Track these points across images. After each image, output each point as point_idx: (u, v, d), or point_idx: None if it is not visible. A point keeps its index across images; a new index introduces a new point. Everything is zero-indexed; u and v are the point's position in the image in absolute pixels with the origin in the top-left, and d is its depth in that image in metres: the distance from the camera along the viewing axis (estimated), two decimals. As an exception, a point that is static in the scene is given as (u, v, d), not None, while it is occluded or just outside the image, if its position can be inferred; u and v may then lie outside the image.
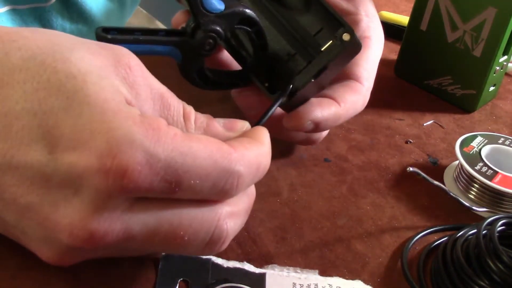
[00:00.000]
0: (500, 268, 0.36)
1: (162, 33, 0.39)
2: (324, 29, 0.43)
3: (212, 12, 0.39)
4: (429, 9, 0.58)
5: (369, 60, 0.47)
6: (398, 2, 0.81)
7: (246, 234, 0.41)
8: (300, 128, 0.43)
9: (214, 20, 0.39)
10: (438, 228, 0.43)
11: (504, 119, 0.59)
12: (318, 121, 0.43)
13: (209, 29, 0.39)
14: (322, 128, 0.44)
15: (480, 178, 0.45)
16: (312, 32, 0.43)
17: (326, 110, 0.43)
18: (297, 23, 0.44)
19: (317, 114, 0.42)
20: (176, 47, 0.40)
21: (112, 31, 0.37)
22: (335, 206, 0.44)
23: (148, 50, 0.39)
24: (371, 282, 0.38)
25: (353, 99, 0.45)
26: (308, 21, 0.43)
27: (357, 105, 0.46)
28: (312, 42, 0.43)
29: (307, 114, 0.42)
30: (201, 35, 0.39)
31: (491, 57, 0.55)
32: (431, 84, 0.61)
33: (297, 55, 0.43)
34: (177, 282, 0.36)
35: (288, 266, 0.38)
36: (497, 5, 0.53)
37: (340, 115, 0.44)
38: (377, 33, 0.48)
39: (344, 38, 0.41)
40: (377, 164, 0.50)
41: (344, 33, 0.41)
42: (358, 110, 0.46)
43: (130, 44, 0.37)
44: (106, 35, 0.36)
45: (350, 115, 0.45)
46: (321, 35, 0.43)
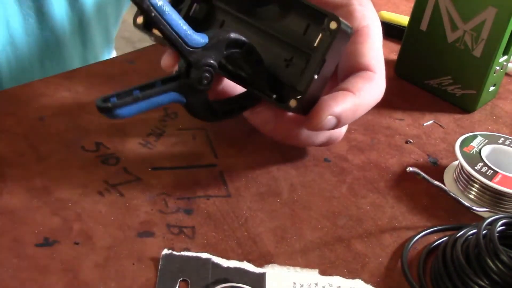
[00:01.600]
0: (500, 268, 0.36)
1: (159, 83, 0.40)
2: (311, 25, 0.43)
3: (197, 47, 0.39)
4: (429, 9, 0.58)
5: (373, 48, 0.46)
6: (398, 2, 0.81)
7: (246, 234, 0.41)
8: (322, 126, 0.42)
9: (202, 54, 0.39)
10: (438, 228, 0.43)
11: (504, 119, 0.59)
12: (338, 114, 0.42)
13: (201, 64, 0.40)
14: (343, 121, 0.43)
15: (480, 178, 0.45)
16: (300, 31, 0.43)
17: (343, 102, 0.42)
18: (284, 27, 0.44)
19: (335, 108, 0.42)
20: (176, 92, 0.40)
21: (111, 98, 0.37)
22: (335, 206, 0.44)
23: (151, 105, 0.39)
24: (371, 282, 0.38)
25: (367, 86, 0.44)
26: (293, 22, 0.43)
27: (374, 92, 0.45)
28: (304, 40, 0.43)
29: (326, 110, 0.42)
30: (195, 72, 0.40)
31: (491, 57, 0.55)
32: (431, 84, 0.61)
33: (294, 58, 0.43)
34: (177, 282, 0.36)
35: (288, 266, 0.38)
36: (497, 5, 0.53)
37: (358, 104, 0.43)
38: (373, 20, 0.48)
39: (331, 27, 0.41)
40: (377, 164, 0.50)
41: (330, 22, 0.41)
42: (376, 97, 0.45)
43: (132, 105, 0.38)
44: (106, 105, 0.37)
45: (369, 103, 0.45)
46: (310, 31, 0.43)
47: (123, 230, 0.39)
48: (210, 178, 0.45)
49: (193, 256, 0.38)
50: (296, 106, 0.42)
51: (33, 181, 0.42)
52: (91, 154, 0.46)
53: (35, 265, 0.36)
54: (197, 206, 0.42)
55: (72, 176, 0.43)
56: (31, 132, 0.47)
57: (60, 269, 0.36)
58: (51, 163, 0.44)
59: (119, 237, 0.39)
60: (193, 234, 0.40)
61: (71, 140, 0.47)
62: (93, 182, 0.43)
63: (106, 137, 0.47)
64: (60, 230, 0.39)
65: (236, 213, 0.42)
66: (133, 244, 0.38)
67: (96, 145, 0.46)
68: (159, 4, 0.36)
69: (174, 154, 0.47)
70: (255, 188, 0.45)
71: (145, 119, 0.50)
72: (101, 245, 0.38)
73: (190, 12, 0.44)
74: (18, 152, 0.45)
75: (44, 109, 0.49)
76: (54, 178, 0.43)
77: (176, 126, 0.50)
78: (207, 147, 0.48)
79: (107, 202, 0.41)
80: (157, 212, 0.41)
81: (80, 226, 0.39)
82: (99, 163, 0.45)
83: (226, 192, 0.44)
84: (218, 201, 0.43)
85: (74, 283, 0.35)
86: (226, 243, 0.40)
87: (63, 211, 0.40)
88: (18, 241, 0.37)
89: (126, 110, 0.38)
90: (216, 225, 0.41)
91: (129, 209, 0.41)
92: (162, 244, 0.39)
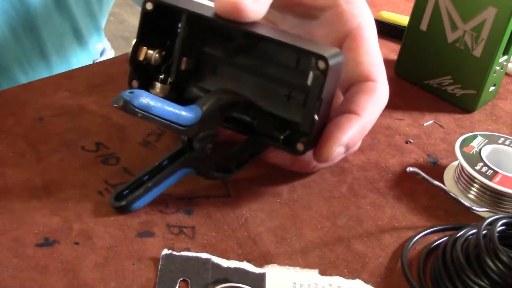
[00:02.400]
0: (500, 268, 0.36)
1: (165, 163, 0.41)
2: (301, 58, 0.42)
3: (191, 124, 0.39)
4: (429, 9, 0.58)
5: (369, 52, 0.45)
6: (398, 2, 0.81)
7: (246, 234, 0.41)
8: (333, 159, 0.42)
9: (199, 127, 0.40)
10: (438, 228, 0.43)
11: (504, 119, 0.59)
12: (346, 143, 0.41)
13: (201, 137, 0.40)
14: (352, 146, 0.42)
15: (480, 178, 0.45)
16: (292, 64, 0.42)
17: (349, 129, 0.41)
18: (275, 64, 0.43)
19: (342, 138, 0.41)
20: (185, 168, 0.41)
21: (124, 193, 0.40)
22: (335, 206, 0.44)
23: (163, 189, 0.41)
24: (371, 282, 0.38)
25: (372, 102, 0.43)
26: (284, 58, 0.42)
27: (379, 104, 0.44)
28: (297, 74, 0.42)
29: (333, 143, 0.41)
30: (197, 145, 0.40)
31: (491, 57, 0.55)
32: (431, 84, 0.61)
33: (292, 92, 0.43)
34: (177, 282, 0.36)
35: (288, 266, 0.38)
36: (497, 5, 0.53)
37: (365, 124, 0.42)
38: (364, 17, 0.45)
39: (320, 67, 0.39)
40: (377, 164, 0.50)
41: (317, 62, 0.39)
42: (382, 107, 0.44)
43: (147, 195, 0.40)
44: (121, 204, 0.40)
45: (376, 117, 0.44)
46: (301, 63, 0.42)
47: (123, 230, 0.39)
48: (210, 178, 0.45)
49: (193, 256, 0.38)
50: (304, 149, 0.41)
51: (33, 181, 0.42)
52: (91, 154, 0.45)
53: (35, 265, 0.36)
54: (197, 206, 0.42)
55: (72, 176, 0.43)
56: (31, 132, 0.47)
57: (60, 269, 0.36)
58: (51, 163, 0.44)
59: (119, 237, 0.39)
60: (193, 234, 0.40)
61: (71, 140, 0.47)
62: (93, 182, 0.43)
63: (106, 137, 0.47)
64: (60, 230, 0.39)
65: (236, 213, 0.42)
66: (133, 244, 0.38)
67: (96, 145, 0.46)
68: (144, 103, 0.36)
69: (174, 154, 0.47)
70: (255, 188, 0.45)
71: (145, 119, 0.50)
72: (101, 245, 0.38)
73: (181, 66, 0.43)
74: (18, 152, 0.45)
75: (44, 109, 0.49)
76: (54, 178, 0.43)
77: (176, 126, 0.50)
78: (207, 147, 0.48)
79: (107, 202, 0.41)
80: (157, 212, 0.41)
81: (80, 226, 0.39)
82: (99, 163, 0.45)
83: (226, 192, 0.44)
84: (218, 201, 0.43)
85: (74, 283, 0.35)
86: (226, 243, 0.40)
87: (63, 211, 0.40)
88: (18, 241, 0.37)
89: (140, 202, 0.40)
90: (216, 225, 0.41)
91: (129, 209, 0.41)
92: (162, 244, 0.39)
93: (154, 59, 0.43)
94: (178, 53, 0.43)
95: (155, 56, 0.43)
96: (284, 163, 0.45)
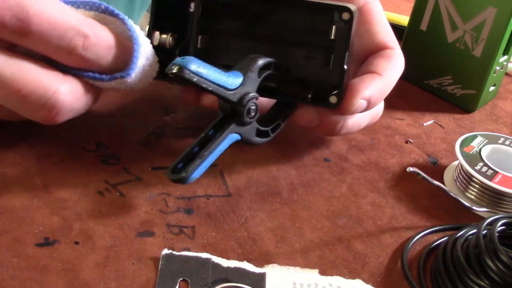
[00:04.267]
0: (500, 268, 0.36)
1: (211, 132, 0.41)
2: (316, 18, 0.43)
3: (236, 88, 0.40)
4: (429, 9, 0.58)
5: (381, 24, 0.47)
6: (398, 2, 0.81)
7: (246, 234, 0.41)
8: (355, 110, 0.43)
9: (243, 90, 0.41)
10: (438, 228, 0.43)
11: (504, 119, 0.59)
12: (368, 97, 0.43)
13: (245, 100, 0.41)
14: (373, 102, 0.44)
15: (480, 178, 0.45)
16: (307, 26, 0.43)
17: (372, 84, 0.44)
18: (289, 27, 0.44)
19: (365, 91, 0.43)
20: (232, 133, 0.42)
21: (178, 165, 0.40)
22: (335, 206, 0.44)
23: (216, 156, 0.41)
24: (371, 282, 0.38)
25: (391, 65, 0.46)
26: (297, 20, 0.44)
27: (397, 68, 0.46)
28: (315, 34, 0.43)
29: (357, 95, 0.43)
30: (242, 109, 0.41)
31: (491, 57, 0.55)
32: (431, 84, 0.61)
33: (311, 53, 0.44)
34: (177, 282, 0.36)
35: (288, 266, 0.38)
36: (497, 5, 0.53)
37: (386, 84, 0.45)
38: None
39: (345, 18, 0.41)
40: (377, 164, 0.50)
41: (341, 14, 0.42)
42: (400, 72, 0.47)
43: (203, 164, 0.40)
44: (180, 176, 0.39)
45: (395, 80, 0.46)
46: (318, 23, 0.43)
47: (123, 230, 0.39)
48: (210, 178, 0.45)
49: (193, 256, 0.38)
50: (337, 101, 0.43)
51: (33, 181, 0.42)
52: (91, 154, 0.46)
53: (35, 265, 0.36)
54: (197, 206, 0.42)
55: (72, 176, 0.43)
56: (31, 132, 0.47)
57: (60, 269, 0.36)
58: (51, 163, 0.44)
59: (119, 237, 0.39)
60: (193, 234, 0.40)
61: (71, 140, 0.47)
62: (93, 182, 0.43)
63: (106, 137, 0.47)
64: (60, 230, 0.39)
65: (236, 213, 0.42)
66: (133, 244, 0.38)
67: (96, 145, 0.46)
68: (197, 67, 0.37)
69: (174, 154, 0.47)
70: (255, 188, 0.45)
71: (145, 119, 0.50)
72: (101, 245, 0.38)
73: (198, 44, 0.45)
74: (18, 152, 0.45)
75: (44, 109, 0.49)
76: (54, 178, 0.43)
77: (176, 126, 0.50)
78: (207, 147, 0.48)
79: (107, 202, 0.41)
80: (157, 212, 0.41)
81: (80, 226, 0.39)
82: (99, 163, 0.45)
83: (226, 192, 0.44)
84: (218, 200, 0.43)
85: (74, 283, 0.35)
86: (226, 243, 0.40)
87: (63, 211, 0.40)
88: (18, 241, 0.37)
89: (197, 172, 0.40)
90: (216, 225, 0.41)
91: (129, 209, 0.41)
92: (162, 244, 0.39)
93: (169, 43, 0.44)
94: (194, 31, 0.44)
95: (169, 39, 0.44)
96: (311, 123, 0.46)
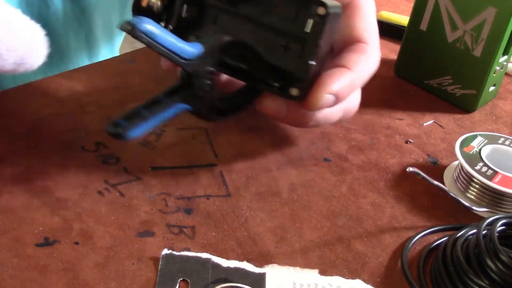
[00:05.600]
0: (500, 268, 0.36)
1: (163, 97, 0.41)
2: (300, 9, 0.43)
3: (193, 58, 0.40)
4: (429, 9, 0.58)
5: (365, 20, 0.47)
6: (398, 2, 0.81)
7: (246, 234, 0.41)
8: (321, 105, 0.43)
9: (199, 63, 0.40)
10: (438, 228, 0.43)
11: (504, 119, 0.59)
12: (335, 92, 0.42)
13: (200, 73, 0.40)
14: (341, 97, 0.43)
15: (480, 178, 0.45)
16: (291, 15, 0.43)
17: (339, 79, 0.43)
18: (275, 15, 0.44)
19: (331, 86, 0.42)
20: (181, 103, 0.41)
21: (120, 121, 0.38)
22: (335, 206, 0.44)
23: (160, 121, 0.40)
24: (371, 282, 0.38)
25: (362, 59, 0.45)
26: (283, 8, 0.44)
27: (369, 64, 0.46)
28: (296, 25, 0.43)
29: (323, 89, 0.42)
30: (196, 81, 0.41)
31: (491, 57, 0.55)
32: (431, 84, 0.61)
33: (290, 44, 0.44)
34: (177, 282, 0.36)
35: (288, 266, 0.38)
36: (497, 5, 0.53)
37: (355, 79, 0.44)
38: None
39: (319, 13, 0.41)
40: (377, 164, 0.50)
41: (317, 8, 0.41)
42: (372, 69, 0.46)
43: (142, 125, 0.39)
44: (117, 130, 0.38)
45: (365, 76, 0.45)
46: (301, 15, 0.43)
47: (123, 230, 0.39)
48: (210, 178, 0.45)
49: (193, 256, 0.38)
50: (298, 94, 0.43)
51: (33, 181, 0.42)
52: (91, 154, 0.46)
53: (35, 265, 0.36)
54: (197, 206, 0.42)
55: (72, 176, 0.43)
56: (31, 132, 0.47)
57: (60, 269, 0.36)
58: (51, 163, 0.44)
59: (119, 237, 0.39)
60: (193, 234, 0.40)
61: (71, 140, 0.47)
62: (93, 182, 0.43)
63: (106, 137, 0.47)
64: (60, 230, 0.39)
65: (236, 213, 0.42)
66: (133, 244, 0.38)
67: (96, 145, 0.46)
68: (149, 29, 0.37)
69: (174, 154, 0.47)
70: (255, 188, 0.45)
71: (145, 119, 0.50)
72: (101, 245, 0.38)
73: (182, 13, 0.45)
74: (18, 152, 0.45)
75: (44, 109, 0.49)
76: (54, 178, 0.43)
77: (176, 126, 0.50)
78: (207, 147, 0.48)
79: (107, 202, 0.41)
80: (157, 212, 0.41)
81: (80, 226, 0.39)
82: (99, 163, 0.45)
83: (226, 192, 0.44)
84: (218, 201, 0.43)
85: (74, 283, 0.35)
86: (226, 243, 0.40)
87: (63, 211, 0.40)
88: (18, 241, 0.37)
89: (136, 131, 0.39)
90: (216, 225, 0.41)
91: (129, 209, 0.41)
92: (162, 244, 0.39)
93: (157, 7, 0.45)
94: (180, 0, 0.45)
95: (158, 3, 0.45)
96: (279, 113, 0.45)
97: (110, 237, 0.39)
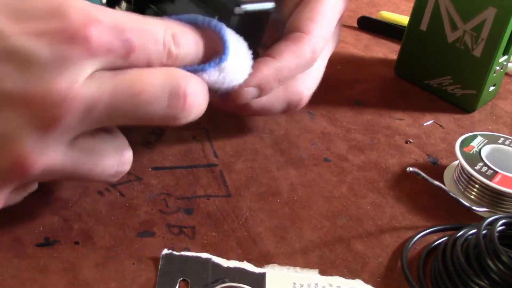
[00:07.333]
0: (500, 268, 0.36)
1: None
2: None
3: None
4: (429, 9, 0.58)
5: (312, 10, 0.44)
6: (398, 2, 0.81)
7: (246, 234, 0.41)
8: (244, 99, 0.41)
9: None
10: (438, 228, 0.43)
11: (504, 119, 0.59)
12: (257, 84, 0.41)
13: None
14: (266, 88, 0.41)
15: (480, 178, 0.45)
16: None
17: (259, 70, 0.40)
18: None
19: (252, 79, 0.40)
20: None
21: None
22: (335, 206, 0.44)
23: None
24: (371, 282, 0.38)
25: (291, 48, 0.42)
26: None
27: (298, 53, 0.42)
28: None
29: (243, 83, 0.40)
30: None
31: (491, 57, 0.55)
32: (431, 84, 0.61)
33: None
34: (177, 282, 0.36)
35: (288, 266, 0.38)
36: (497, 5, 0.53)
37: (279, 68, 0.41)
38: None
39: (236, 12, 0.38)
40: (377, 164, 0.50)
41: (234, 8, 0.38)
42: (306, 58, 0.43)
43: None
44: None
45: (294, 65, 0.42)
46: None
47: (123, 230, 0.39)
48: (210, 178, 0.45)
49: (193, 256, 0.38)
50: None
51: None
52: (91, 154, 0.45)
53: (35, 265, 0.36)
54: (197, 206, 0.42)
55: (72, 176, 0.43)
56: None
57: (60, 269, 0.36)
58: (51, 163, 0.44)
59: (119, 237, 0.39)
60: (193, 234, 0.40)
61: (71, 140, 0.47)
62: (93, 182, 0.43)
63: (106, 137, 0.47)
64: (60, 230, 0.39)
65: (236, 213, 0.42)
66: (133, 244, 0.38)
67: (96, 145, 0.46)
68: None
69: (174, 154, 0.47)
70: (255, 188, 0.45)
71: (145, 119, 0.50)
72: (101, 245, 0.38)
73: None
74: (18, 152, 0.45)
75: (44, 109, 0.49)
76: (54, 178, 0.43)
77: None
78: (207, 147, 0.48)
79: (107, 202, 0.41)
80: (157, 212, 0.41)
81: (80, 226, 0.39)
82: (99, 163, 0.45)
83: (226, 192, 0.44)
84: (218, 201, 0.43)
85: (74, 283, 0.35)
86: (226, 243, 0.40)
87: (63, 211, 0.40)
88: (18, 241, 0.37)
89: None
90: (216, 225, 0.41)
91: (129, 209, 0.41)
92: (162, 244, 0.39)
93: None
94: None
95: None
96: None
97: (110, 237, 0.39)
